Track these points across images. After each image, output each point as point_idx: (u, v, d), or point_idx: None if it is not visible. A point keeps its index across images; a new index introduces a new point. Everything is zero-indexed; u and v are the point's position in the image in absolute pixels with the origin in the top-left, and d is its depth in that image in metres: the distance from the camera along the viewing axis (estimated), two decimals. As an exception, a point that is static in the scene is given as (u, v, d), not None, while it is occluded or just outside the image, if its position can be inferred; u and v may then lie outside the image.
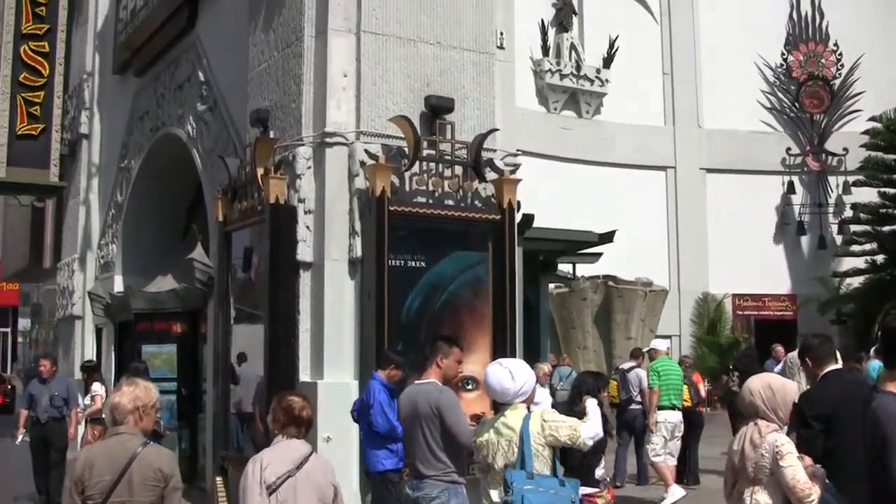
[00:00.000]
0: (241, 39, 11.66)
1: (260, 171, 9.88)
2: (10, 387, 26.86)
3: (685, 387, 13.23)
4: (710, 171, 21.38)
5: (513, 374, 5.80)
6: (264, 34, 10.92)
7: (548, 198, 14.78)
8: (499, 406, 6.07)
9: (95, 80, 18.25)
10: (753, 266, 21.39)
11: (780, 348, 15.70)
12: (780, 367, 13.62)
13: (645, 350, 14.28)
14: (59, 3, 18.74)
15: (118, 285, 16.00)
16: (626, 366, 14.21)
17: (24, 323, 33.92)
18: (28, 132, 18.62)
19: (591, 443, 5.84)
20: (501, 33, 10.92)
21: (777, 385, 5.29)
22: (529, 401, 5.90)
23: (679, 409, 12.78)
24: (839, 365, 6.22)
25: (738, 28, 21.25)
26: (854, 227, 22.12)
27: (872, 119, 21.59)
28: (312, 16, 10.09)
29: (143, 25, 15.59)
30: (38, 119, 18.73)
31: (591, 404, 6.78)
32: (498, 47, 10.79)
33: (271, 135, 10.33)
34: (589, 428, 5.81)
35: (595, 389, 7.95)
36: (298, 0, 10.23)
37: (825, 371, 6.04)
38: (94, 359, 14.64)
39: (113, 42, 17.36)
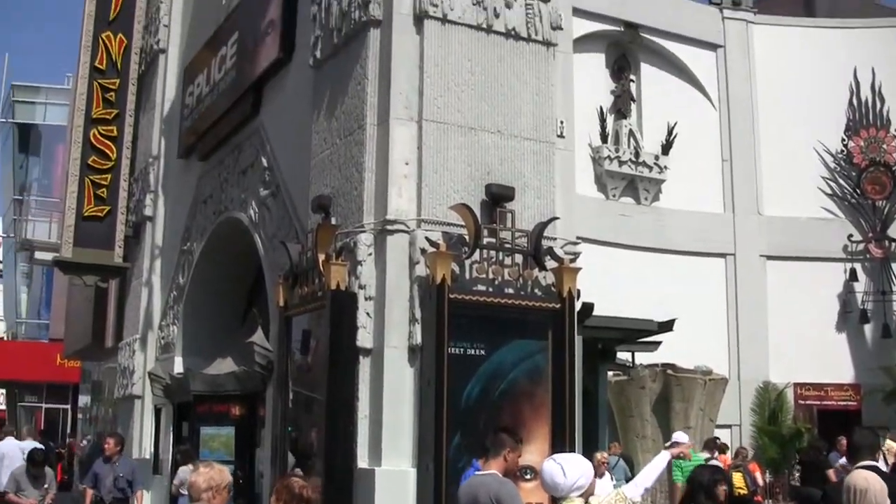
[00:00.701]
0: (304, 126, 11.86)
1: (321, 258, 9.98)
2: (72, 453, 27.14)
3: (739, 474, 12.98)
4: (770, 258, 21.16)
5: (565, 469, 5.79)
6: (327, 122, 11.11)
7: (606, 285, 14.74)
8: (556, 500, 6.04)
9: (161, 163, 18.60)
10: (815, 354, 21.06)
11: (844, 441, 15.40)
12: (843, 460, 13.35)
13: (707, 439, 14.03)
14: (128, 90, 19.15)
15: (178, 366, 16.12)
16: (703, 455, 14.04)
17: (83, 400, 34.26)
18: (94, 214, 18.92)
19: (639, 499, 5.87)
20: (562, 122, 11.01)
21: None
22: (587, 494, 5.87)
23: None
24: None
25: (798, 114, 21.18)
26: (919, 316, 21.77)
27: (936, 206, 21.33)
28: (375, 104, 10.26)
29: (208, 111, 15.91)
30: (105, 201, 19.03)
31: None
32: (558, 136, 10.88)
33: (333, 221, 10.45)
34: (633, 488, 5.86)
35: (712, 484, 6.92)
36: (361, 89, 10.40)
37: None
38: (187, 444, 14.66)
39: (179, 127, 17.71)
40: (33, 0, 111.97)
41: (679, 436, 13.22)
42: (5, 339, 50.97)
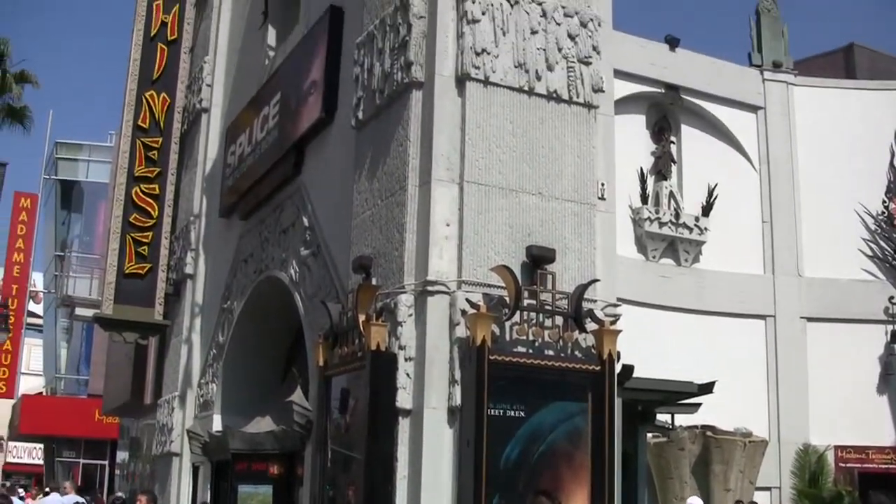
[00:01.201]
0: (345, 187, 11.95)
1: (362, 318, 10.00)
2: None
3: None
4: (810, 319, 21.00)
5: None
6: (368, 182, 11.18)
7: (646, 346, 14.65)
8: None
9: (202, 221, 18.78)
10: (856, 417, 20.82)
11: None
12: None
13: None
14: (171, 148, 19.38)
15: (217, 424, 16.15)
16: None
17: (121, 456, 34.36)
18: (136, 271, 19.08)
19: None
20: (602, 184, 11.04)
21: None
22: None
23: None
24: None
25: (839, 175, 21.11)
26: (961, 379, 21.50)
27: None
28: (416, 166, 10.32)
29: (250, 170, 16.07)
30: (146, 259, 19.19)
31: None
32: (599, 198, 10.90)
33: (373, 282, 10.49)
34: None
35: None
36: (403, 150, 10.48)
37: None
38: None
39: (220, 185, 17.89)
40: (77, 58, 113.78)
41: (693, 501, 13.13)
42: (44, 394, 51.29)
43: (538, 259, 10.04)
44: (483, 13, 10.44)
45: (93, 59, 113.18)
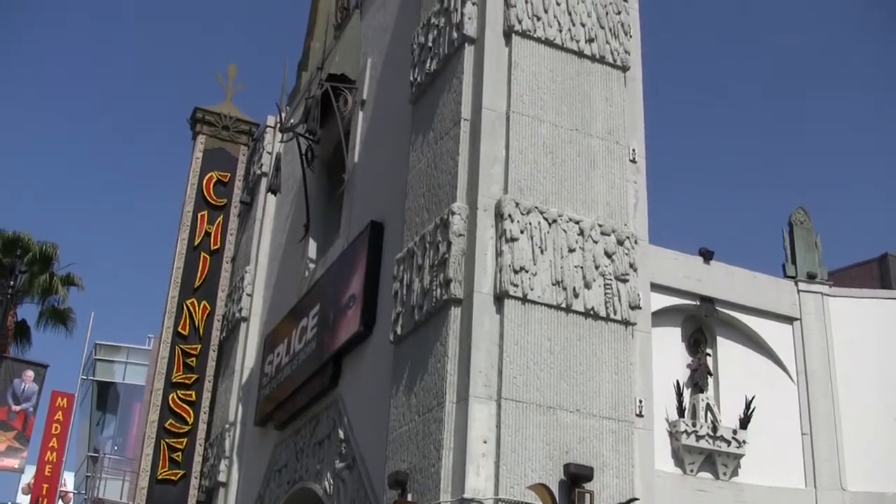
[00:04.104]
0: (382, 400, 11.97)
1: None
2: None
3: None
4: (855, 538, 20.51)
5: None
6: (406, 397, 11.20)
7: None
8: None
9: (237, 430, 18.74)
10: None
11: None
12: None
13: None
14: (209, 356, 19.59)
15: None
16: None
17: None
18: (168, 477, 19.02)
19: None
20: (641, 401, 11.02)
21: None
22: None
23: None
24: None
25: (878, 386, 20.87)
26: None
27: None
28: (454, 382, 10.36)
29: (287, 381, 16.13)
30: (180, 465, 19.16)
31: None
32: (637, 415, 10.86)
33: (409, 498, 10.39)
34: None
35: None
36: (441, 366, 10.53)
37: None
38: None
39: (257, 394, 17.93)
40: (122, 260, 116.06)
41: None
42: None
43: (576, 477, 9.95)
44: (522, 232, 10.66)
45: (136, 263, 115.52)
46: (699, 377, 19.70)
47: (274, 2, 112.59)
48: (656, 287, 16.00)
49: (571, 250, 10.88)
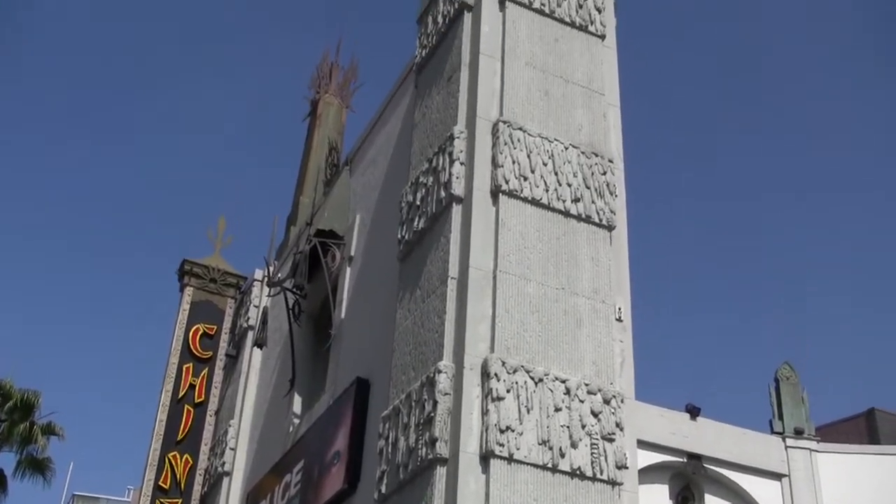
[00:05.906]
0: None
1: None
2: None
3: None
4: None
5: None
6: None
7: None
8: None
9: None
10: None
11: None
12: None
13: None
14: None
15: None
16: None
17: None
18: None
19: None
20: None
21: None
22: None
23: None
24: None
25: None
26: None
27: None
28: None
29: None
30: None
31: None
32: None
33: None
34: None
35: None
36: (427, 527, 10.40)
37: None
38: None
39: None
40: (101, 411, 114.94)
41: None
42: None
43: None
44: (508, 391, 10.63)
45: (118, 412, 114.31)
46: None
47: (265, 156, 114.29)
48: (643, 444, 15.91)
49: (558, 409, 10.83)
